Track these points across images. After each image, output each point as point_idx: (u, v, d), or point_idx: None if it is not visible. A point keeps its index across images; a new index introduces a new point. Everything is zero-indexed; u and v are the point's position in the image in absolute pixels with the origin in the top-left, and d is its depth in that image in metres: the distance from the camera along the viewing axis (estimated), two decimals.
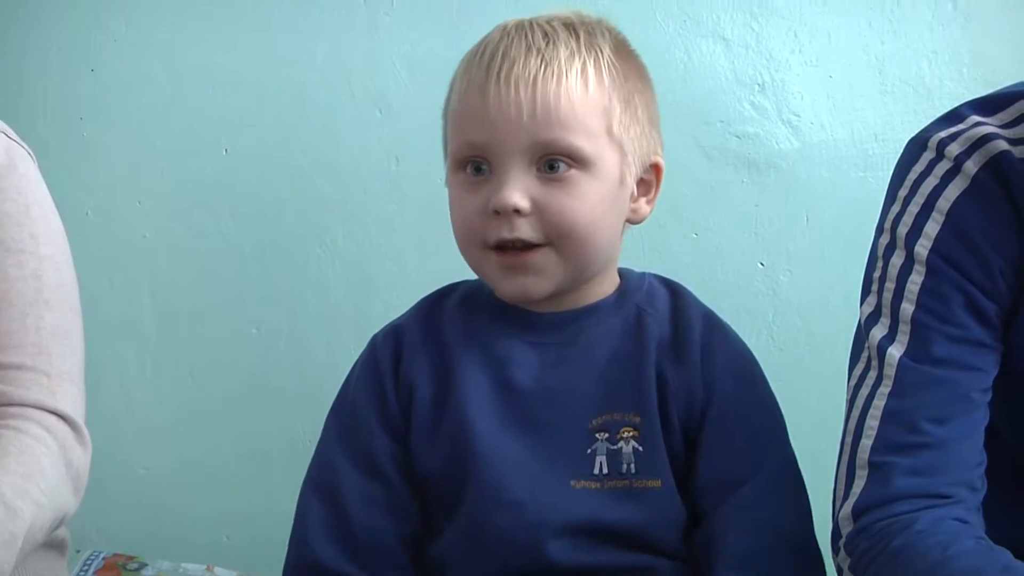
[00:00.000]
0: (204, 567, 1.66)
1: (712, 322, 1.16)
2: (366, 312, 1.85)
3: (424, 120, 1.82)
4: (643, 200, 1.15)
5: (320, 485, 1.14)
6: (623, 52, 1.12)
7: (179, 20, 1.89)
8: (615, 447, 1.09)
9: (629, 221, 1.15)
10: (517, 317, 1.15)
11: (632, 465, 1.08)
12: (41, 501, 1.00)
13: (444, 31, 1.82)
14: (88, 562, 1.64)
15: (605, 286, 1.16)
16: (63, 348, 1.09)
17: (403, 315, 1.21)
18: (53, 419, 1.05)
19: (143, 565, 1.65)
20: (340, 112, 1.87)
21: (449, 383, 1.12)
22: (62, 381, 1.07)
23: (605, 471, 1.08)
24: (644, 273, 1.21)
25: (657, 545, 1.09)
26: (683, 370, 1.11)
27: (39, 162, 1.17)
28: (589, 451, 1.09)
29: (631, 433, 1.09)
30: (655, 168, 1.15)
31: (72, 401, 1.08)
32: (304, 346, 1.90)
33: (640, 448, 1.09)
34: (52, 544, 1.20)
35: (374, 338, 1.19)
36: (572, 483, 1.08)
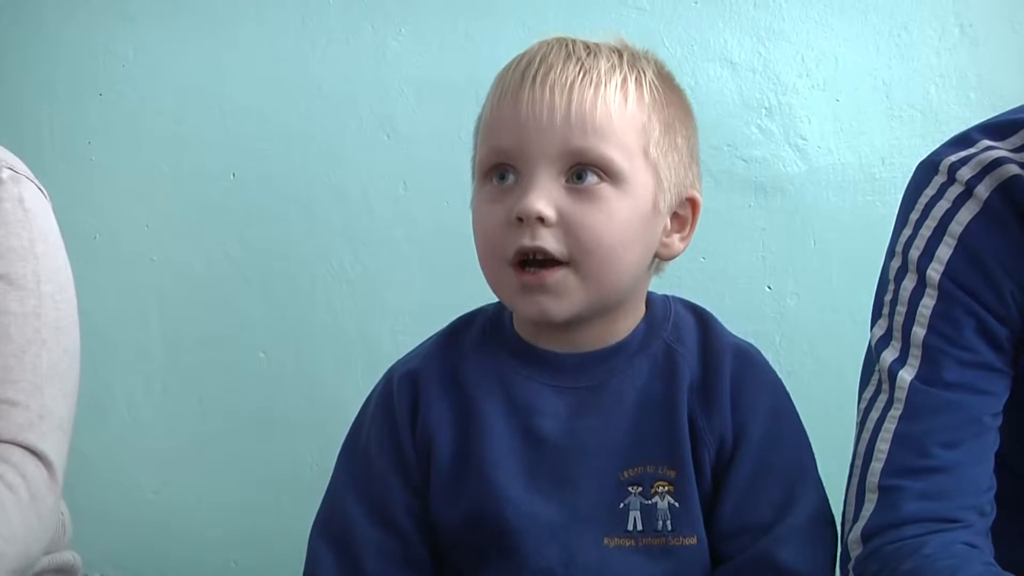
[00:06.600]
0: None
1: (743, 356, 1.09)
2: (374, 336, 1.86)
3: (432, 144, 1.84)
4: (676, 236, 1.08)
5: (332, 533, 1.08)
6: (667, 80, 1.07)
7: (187, 45, 1.91)
8: (649, 502, 1.03)
9: (660, 256, 1.08)
10: (541, 358, 1.08)
11: (668, 522, 1.03)
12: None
13: (452, 56, 1.83)
14: None
15: (630, 321, 1.09)
16: (57, 391, 1.07)
17: (419, 352, 1.13)
18: (32, 462, 1.03)
19: None
20: (348, 137, 1.88)
21: (471, 434, 1.06)
22: (51, 425, 1.06)
23: (639, 527, 1.03)
24: (667, 298, 1.14)
25: None
26: (714, 415, 1.05)
27: (46, 185, 1.17)
28: (622, 506, 1.03)
29: (666, 488, 1.03)
30: (691, 203, 1.08)
31: (55, 445, 1.06)
32: (312, 370, 1.90)
33: (676, 504, 1.03)
34: (62, 569, 1.21)
35: (390, 376, 1.12)
36: (605, 541, 1.03)
